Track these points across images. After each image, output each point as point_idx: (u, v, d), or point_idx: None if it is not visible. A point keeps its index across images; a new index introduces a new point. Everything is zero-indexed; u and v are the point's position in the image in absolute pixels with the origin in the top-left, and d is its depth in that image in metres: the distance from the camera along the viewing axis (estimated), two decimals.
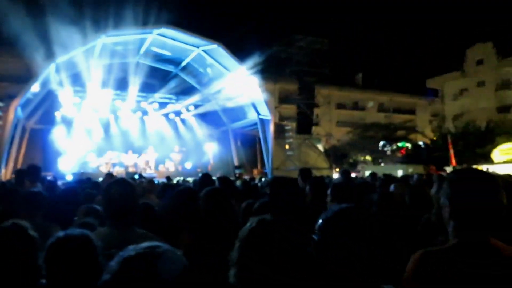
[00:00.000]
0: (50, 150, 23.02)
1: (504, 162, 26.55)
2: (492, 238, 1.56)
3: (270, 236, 1.59)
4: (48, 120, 23.65)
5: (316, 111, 29.01)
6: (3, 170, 19.84)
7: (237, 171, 22.98)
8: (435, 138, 37.26)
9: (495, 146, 29.30)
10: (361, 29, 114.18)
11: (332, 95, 45.08)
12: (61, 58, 18.94)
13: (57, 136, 23.21)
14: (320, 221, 1.54)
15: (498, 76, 45.65)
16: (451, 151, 27.41)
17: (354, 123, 46.13)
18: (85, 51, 19.78)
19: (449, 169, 26.99)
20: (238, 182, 9.02)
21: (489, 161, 28.58)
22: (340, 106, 51.24)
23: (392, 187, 4.98)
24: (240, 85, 23.69)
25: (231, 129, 28.93)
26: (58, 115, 23.72)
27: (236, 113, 26.95)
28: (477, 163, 28.91)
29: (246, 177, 19.23)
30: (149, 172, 23.28)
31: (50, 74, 20.14)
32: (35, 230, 2.14)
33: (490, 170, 23.49)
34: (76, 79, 21.99)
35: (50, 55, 18.35)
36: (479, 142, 32.20)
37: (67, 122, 23.84)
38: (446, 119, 46.95)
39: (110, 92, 23.74)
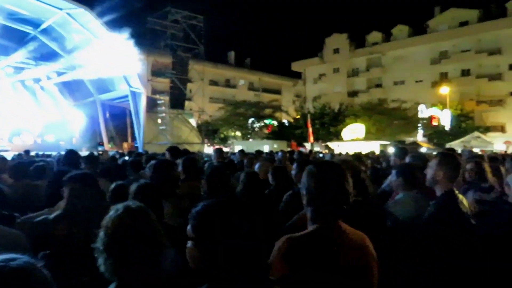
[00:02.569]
0: None
1: (352, 140, 30.74)
2: (341, 223, 1.74)
3: (139, 223, 1.57)
4: None
5: (189, 86, 29.14)
6: None
7: (100, 148, 21.51)
8: (297, 117, 40.72)
9: (345, 126, 33.60)
10: (235, 9, 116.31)
11: (206, 72, 45.34)
12: None
13: None
14: (193, 217, 1.42)
15: (349, 65, 51.86)
16: (310, 129, 30.63)
17: (225, 100, 47.58)
18: None
19: (307, 145, 30.21)
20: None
21: (340, 138, 32.75)
22: (213, 82, 52.09)
23: (257, 166, 5.04)
24: (110, 55, 22.34)
25: (99, 100, 27.25)
26: None
27: (105, 84, 25.48)
28: (331, 140, 32.94)
29: (113, 151, 18.55)
30: (0, 145, 20.74)
31: None
32: None
33: (341, 147, 27.14)
34: None
35: None
36: (333, 122, 36.52)
37: None
38: (306, 100, 51.81)
39: None
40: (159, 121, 26.22)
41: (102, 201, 2.75)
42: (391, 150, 11.84)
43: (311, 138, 29.98)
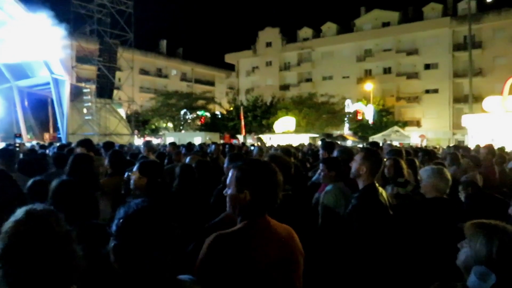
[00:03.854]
0: None
1: (283, 133, 31.55)
2: (269, 218, 1.77)
3: (41, 230, 1.40)
4: None
5: (118, 75, 27.85)
6: None
7: (17, 141, 19.53)
8: (230, 109, 40.86)
9: (276, 119, 34.36)
10: None
11: (136, 60, 43.60)
12: None
13: None
14: (118, 221, 1.36)
15: (281, 59, 52.99)
16: (242, 122, 30.90)
17: (157, 90, 46.29)
18: None
19: (240, 137, 30.47)
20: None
21: (272, 131, 33.44)
22: (144, 72, 50.39)
23: (187, 159, 5.07)
24: (27, 38, 20.55)
25: (17, 87, 25.05)
26: None
27: (23, 69, 23.47)
28: (263, 132, 33.52)
29: (33, 143, 17.24)
30: None
31: None
32: None
33: (273, 139, 27.73)
34: None
35: None
36: (265, 115, 37.15)
37: None
38: (239, 92, 52.10)
39: None
40: (85, 110, 24.73)
41: (16, 200, 2.50)
42: (319, 143, 12.38)
43: (244, 131, 30.30)
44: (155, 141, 27.24)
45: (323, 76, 49.79)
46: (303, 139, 26.79)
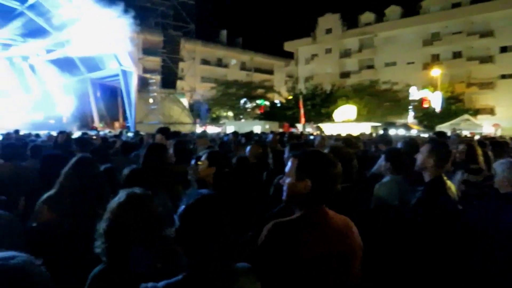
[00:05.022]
0: None
1: (343, 121, 30.87)
2: (327, 209, 1.77)
3: (138, 211, 1.66)
4: None
5: (180, 65, 28.79)
6: None
7: (93, 133, 20.90)
8: (289, 98, 40.67)
9: (336, 107, 33.66)
10: None
11: (197, 51, 44.94)
12: None
13: None
14: (182, 208, 1.47)
15: (342, 45, 51.56)
16: (301, 110, 30.65)
17: (217, 79, 47.20)
18: None
19: (299, 126, 30.29)
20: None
21: (331, 119, 32.85)
22: (205, 62, 51.56)
23: (247, 149, 5.05)
24: (99, 32, 21.90)
25: (90, 79, 26.85)
26: None
27: (95, 62, 25.06)
28: (322, 121, 33.02)
29: (105, 131, 18.48)
30: None
31: None
32: None
33: (332, 128, 27.26)
34: None
35: None
36: (324, 103, 36.55)
37: None
38: (299, 80, 51.61)
39: None
40: (150, 100, 25.97)
41: (98, 184, 2.78)
42: (381, 132, 11.96)
43: (303, 119, 30.04)
44: (215, 130, 27.94)
45: (385, 63, 47.76)
46: (364, 128, 26.02)
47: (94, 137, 10.15)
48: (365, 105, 33.78)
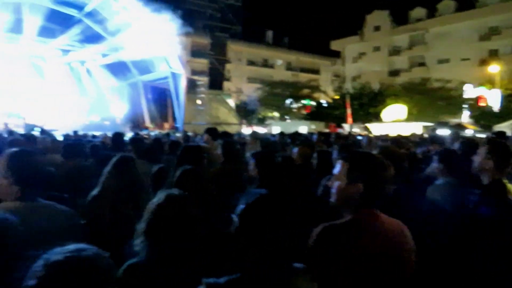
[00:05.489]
0: None
1: (392, 121, 29.92)
2: (378, 212, 1.74)
3: (177, 212, 1.73)
4: None
5: (227, 66, 29.29)
6: None
7: (144, 132, 21.84)
8: (336, 97, 40.01)
9: (384, 107, 32.68)
10: None
11: (243, 52, 45.49)
12: None
13: None
14: (241, 207, 1.49)
15: (391, 43, 49.97)
16: (349, 110, 30.07)
17: (263, 80, 47.42)
18: None
19: (346, 126, 29.75)
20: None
21: (379, 119, 31.95)
22: (251, 63, 51.96)
23: (295, 150, 4.95)
24: (150, 36, 22.79)
25: (141, 81, 27.97)
26: None
27: (147, 65, 26.04)
28: (370, 121, 32.21)
29: (155, 131, 19.17)
30: (50, 126, 21.84)
31: None
32: None
33: (380, 128, 26.50)
34: None
35: None
36: (372, 103, 35.60)
37: None
38: (346, 80, 50.66)
39: (1, 34, 21.23)
40: (198, 101, 26.64)
41: (136, 183, 2.89)
42: (437, 132, 11.47)
43: (350, 119, 29.47)
44: (261, 130, 28.11)
45: (438, 59, 45.65)
46: (415, 128, 25.06)
47: (146, 136, 10.58)
48: (415, 104, 32.51)
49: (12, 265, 1.50)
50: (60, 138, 8.90)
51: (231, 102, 30.87)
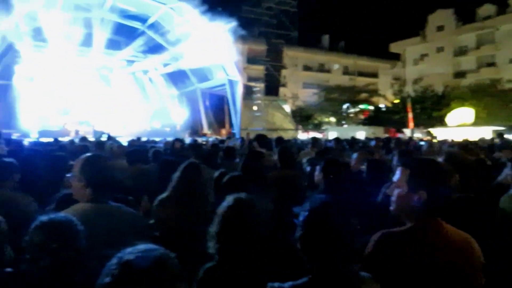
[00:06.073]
0: (12, 107, 22.29)
1: (458, 126, 28.23)
2: (442, 222, 1.67)
3: (245, 214, 1.82)
4: (9, 75, 22.66)
5: (283, 72, 29.38)
6: None
7: (203, 138, 22.51)
8: (395, 101, 38.64)
9: (449, 110, 30.93)
10: None
11: (299, 57, 45.37)
12: (21, 10, 18.02)
13: (19, 92, 22.46)
14: (305, 212, 1.49)
15: (456, 43, 47.28)
16: (410, 114, 28.84)
17: (319, 85, 46.91)
18: (45, 3, 18.86)
19: (407, 131, 28.55)
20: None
21: (443, 124, 30.29)
22: (307, 68, 51.66)
23: (354, 156, 4.87)
24: (208, 45, 23.50)
25: (199, 89, 28.88)
26: (18, 70, 22.78)
27: (204, 73, 26.85)
28: (433, 126, 30.65)
29: (213, 137, 19.62)
30: (116, 133, 23.19)
31: (11, 28, 19.19)
32: (3, 203, 2.18)
33: (444, 133, 25.13)
34: (38, 33, 21.06)
35: (9, 6, 17.44)
36: (436, 106, 33.85)
37: (29, 78, 23.03)
38: (406, 83, 48.67)
39: (74, 48, 22.96)
40: (255, 107, 26.95)
41: (202, 188, 2.96)
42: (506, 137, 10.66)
43: (411, 124, 28.24)
44: (317, 135, 27.81)
45: (510, 59, 42.44)
46: (484, 132, 23.45)
47: (204, 142, 10.88)
48: (484, 107, 30.39)
49: (77, 261, 1.70)
50: (125, 143, 9.38)
51: (287, 108, 30.84)
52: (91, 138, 13.30)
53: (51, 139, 10.76)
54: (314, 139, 7.32)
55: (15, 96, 22.36)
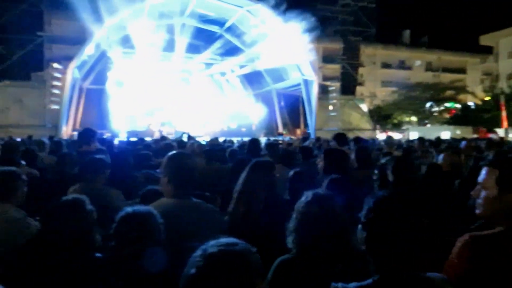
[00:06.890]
0: (105, 109, 24.46)
1: None
2: None
3: (325, 210, 1.84)
4: (102, 80, 24.92)
5: (360, 70, 28.50)
6: (64, 128, 21.45)
7: (280, 138, 22.76)
8: (486, 98, 35.55)
9: None
10: None
11: (377, 54, 43.72)
12: (111, 20, 19.62)
13: (110, 95, 24.57)
14: (365, 212, 1.43)
15: None
16: (503, 112, 26.32)
17: (399, 83, 44.70)
18: (133, 13, 20.33)
19: (500, 131, 26.10)
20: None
21: None
22: (385, 65, 49.51)
23: (440, 157, 4.58)
24: (284, 45, 23.62)
25: (275, 89, 29.15)
26: (110, 75, 24.90)
27: (280, 73, 27.04)
28: None
29: (288, 137, 19.65)
30: (196, 132, 24.26)
31: (103, 36, 21.01)
32: (96, 196, 2.32)
33: None
34: (126, 41, 22.82)
35: (101, 18, 19.09)
36: None
37: (119, 82, 25.06)
38: (499, 78, 44.43)
39: (158, 53, 24.48)
40: (330, 107, 26.49)
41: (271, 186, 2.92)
42: None
43: (505, 123, 25.74)
44: (397, 136, 26.54)
45: None
46: None
47: (280, 141, 10.93)
48: None
49: (155, 250, 1.80)
50: (204, 143, 9.75)
51: (364, 107, 29.81)
52: (173, 138, 14.07)
53: (136, 139, 11.56)
54: (389, 138, 7.01)
55: (107, 99, 24.51)
